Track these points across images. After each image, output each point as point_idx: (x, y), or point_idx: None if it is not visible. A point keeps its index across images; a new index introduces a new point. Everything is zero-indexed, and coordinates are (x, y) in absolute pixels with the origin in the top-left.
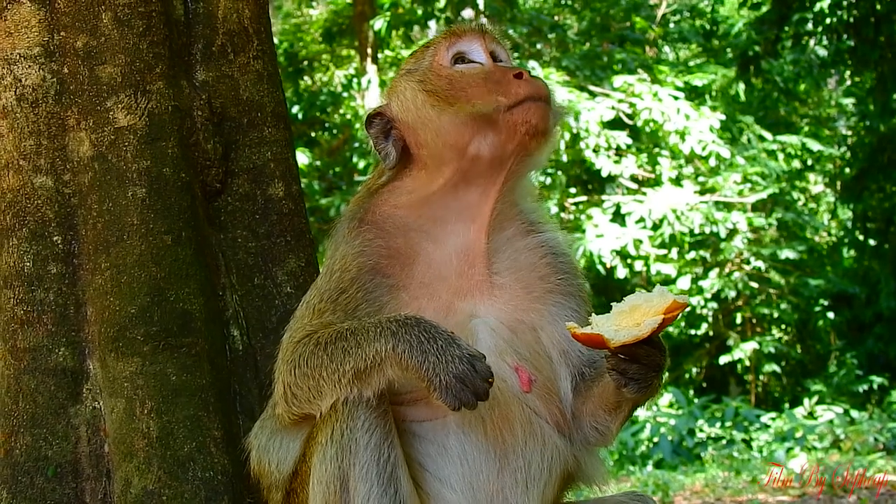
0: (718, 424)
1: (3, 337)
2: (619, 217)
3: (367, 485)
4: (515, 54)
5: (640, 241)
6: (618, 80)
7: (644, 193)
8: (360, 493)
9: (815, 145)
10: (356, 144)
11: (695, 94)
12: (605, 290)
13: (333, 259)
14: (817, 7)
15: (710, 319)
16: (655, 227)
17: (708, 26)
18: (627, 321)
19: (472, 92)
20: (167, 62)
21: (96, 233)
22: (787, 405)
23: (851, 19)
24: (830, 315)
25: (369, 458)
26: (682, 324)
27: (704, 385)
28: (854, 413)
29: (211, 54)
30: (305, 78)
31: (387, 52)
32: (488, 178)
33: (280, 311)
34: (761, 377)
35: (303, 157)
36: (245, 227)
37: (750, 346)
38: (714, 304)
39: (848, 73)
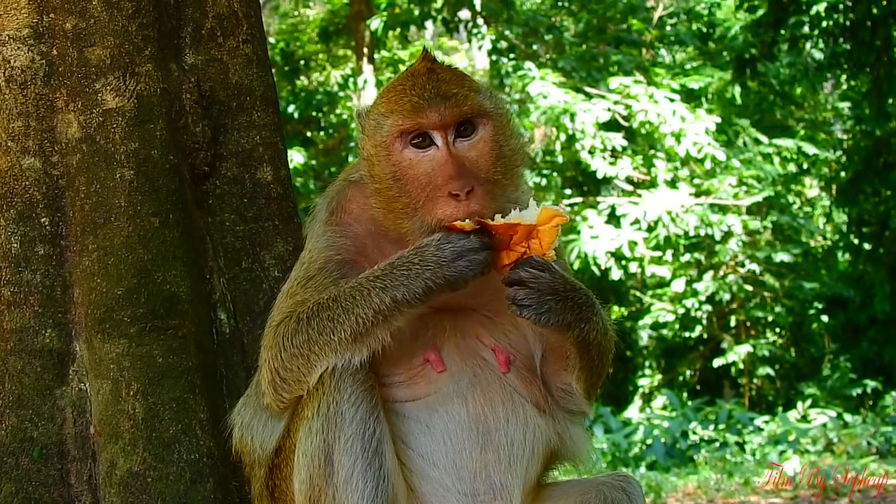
0: (712, 427)
1: None
2: (614, 219)
3: (352, 458)
4: (511, 55)
5: (635, 243)
6: (614, 82)
7: (639, 195)
8: (345, 467)
9: (810, 149)
10: (351, 144)
11: (691, 97)
12: (600, 291)
13: (305, 251)
14: (813, 10)
15: (704, 322)
16: (650, 228)
17: (704, 29)
18: None
19: (408, 195)
20: (156, 45)
21: (84, 214)
22: (780, 408)
23: (847, 23)
24: (825, 318)
25: (355, 431)
26: (677, 326)
27: (698, 387)
28: (847, 417)
29: (200, 38)
30: (301, 77)
31: (383, 52)
32: None
33: (267, 294)
34: (755, 380)
35: (298, 157)
36: (233, 210)
37: (744, 349)
38: (708, 307)
39: (844, 76)
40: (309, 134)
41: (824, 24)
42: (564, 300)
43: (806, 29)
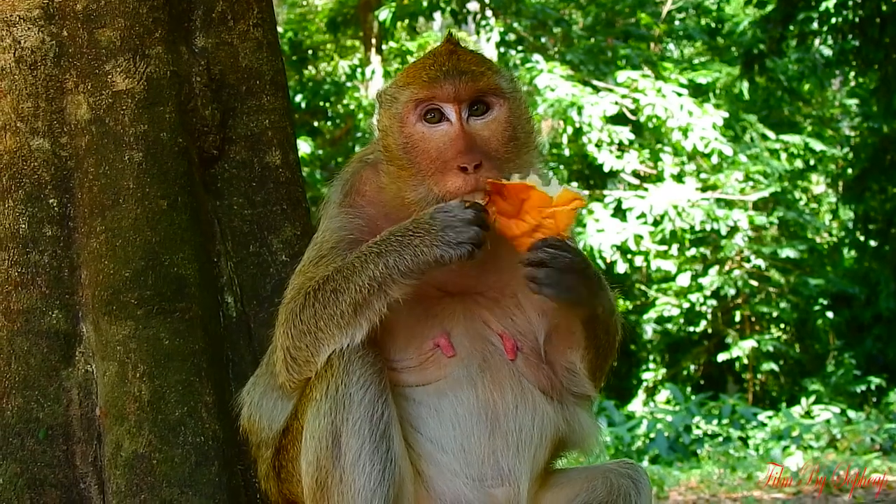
0: (715, 421)
1: None
2: (620, 212)
3: (360, 440)
4: (519, 48)
5: (641, 237)
6: (622, 76)
7: (646, 189)
8: (352, 449)
9: (817, 145)
10: (359, 134)
11: (698, 92)
12: None
13: (318, 231)
14: (822, 6)
15: (709, 317)
16: (656, 222)
17: (713, 24)
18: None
19: (417, 166)
20: (166, 27)
21: (92, 196)
22: (784, 404)
23: (857, 19)
24: (829, 315)
25: (363, 413)
26: (682, 320)
27: (702, 382)
28: (851, 413)
29: (211, 21)
30: (309, 67)
31: (391, 43)
32: None
33: (275, 279)
34: (759, 375)
35: (305, 147)
36: (241, 194)
37: (748, 345)
38: (713, 302)
39: (852, 73)
40: (316, 124)
41: (833, 20)
42: (581, 277)
43: (815, 25)
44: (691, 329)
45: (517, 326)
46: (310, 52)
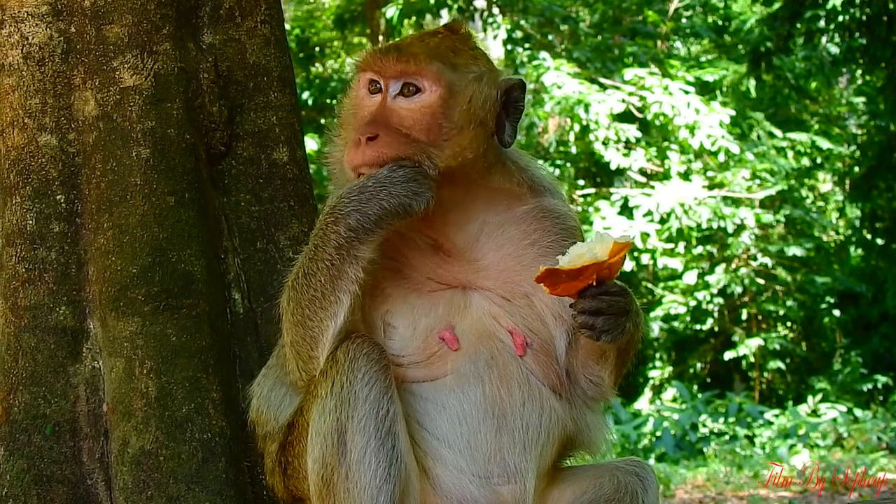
0: (722, 420)
1: (5, 295)
2: (626, 210)
3: (365, 438)
4: (526, 45)
5: (648, 235)
6: (628, 73)
7: (652, 187)
8: (358, 446)
9: (824, 143)
10: None
11: (705, 89)
12: None
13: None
14: (830, 4)
15: (715, 315)
16: (663, 220)
17: (720, 22)
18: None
19: (345, 133)
20: (174, 23)
21: (99, 192)
22: (790, 402)
23: (864, 17)
24: (836, 313)
25: (368, 411)
26: (688, 318)
27: (708, 380)
28: (858, 412)
29: (219, 17)
30: (317, 64)
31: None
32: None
33: (282, 275)
34: (766, 374)
35: (312, 143)
36: (248, 190)
37: (755, 343)
38: (720, 300)
39: (859, 71)
40: (323, 121)
41: (840, 18)
42: (630, 315)
43: (822, 23)
44: (698, 327)
45: (528, 323)
46: (317, 49)
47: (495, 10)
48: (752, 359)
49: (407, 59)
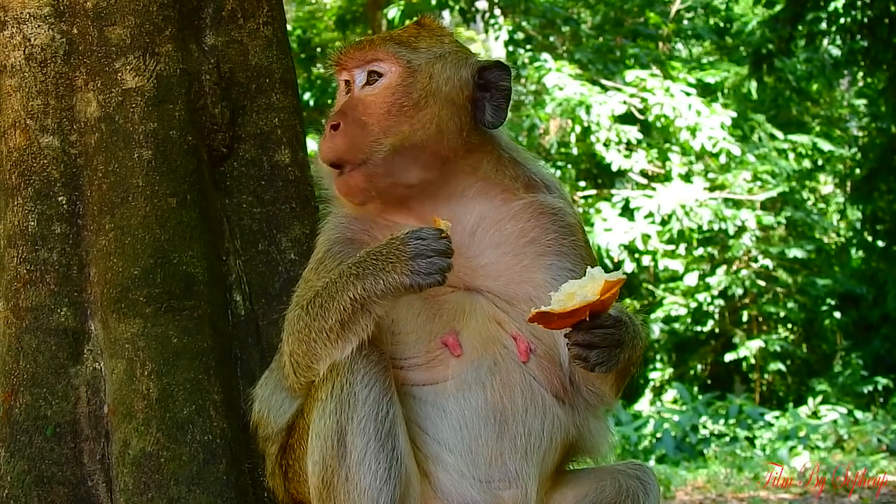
0: (722, 421)
1: (6, 296)
2: (627, 211)
3: (365, 439)
4: (528, 46)
5: (649, 237)
6: (630, 75)
7: (653, 188)
8: (358, 448)
9: (825, 145)
10: None
11: (707, 91)
12: None
13: (319, 235)
14: (831, 6)
15: (716, 316)
16: (664, 222)
17: (721, 23)
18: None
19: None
20: (176, 25)
21: (101, 194)
22: (791, 404)
23: (865, 19)
24: (837, 315)
25: (368, 412)
26: (689, 320)
27: (709, 382)
28: (858, 414)
29: (221, 19)
30: (318, 65)
31: None
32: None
33: (283, 277)
34: (766, 375)
35: (314, 144)
36: (250, 192)
37: (756, 345)
38: (721, 302)
39: (861, 73)
40: (324, 122)
41: (842, 20)
42: (626, 344)
43: (823, 25)
44: (698, 329)
45: (532, 329)
46: (318, 50)
47: (497, 12)
48: (752, 360)
49: (364, 46)
